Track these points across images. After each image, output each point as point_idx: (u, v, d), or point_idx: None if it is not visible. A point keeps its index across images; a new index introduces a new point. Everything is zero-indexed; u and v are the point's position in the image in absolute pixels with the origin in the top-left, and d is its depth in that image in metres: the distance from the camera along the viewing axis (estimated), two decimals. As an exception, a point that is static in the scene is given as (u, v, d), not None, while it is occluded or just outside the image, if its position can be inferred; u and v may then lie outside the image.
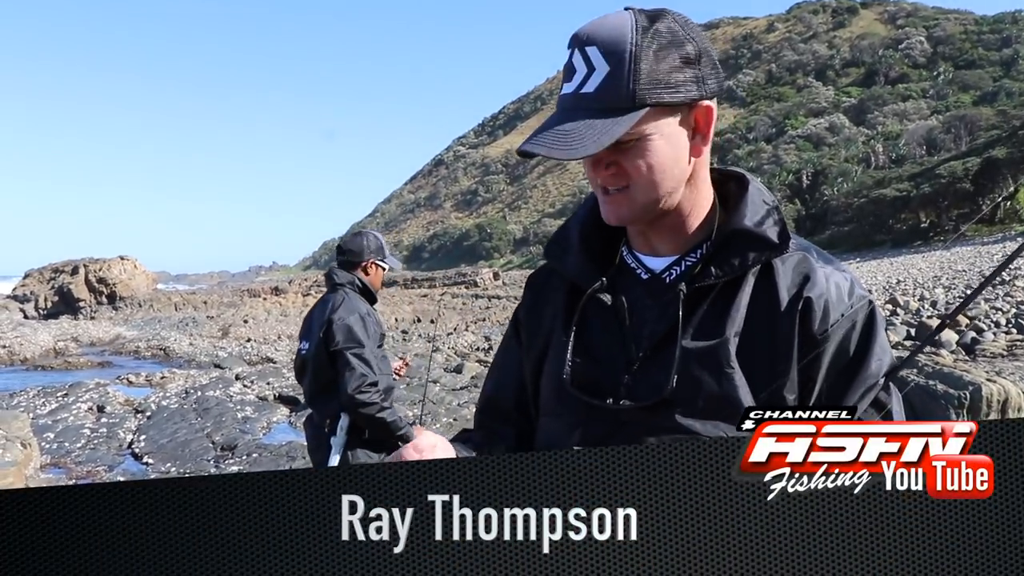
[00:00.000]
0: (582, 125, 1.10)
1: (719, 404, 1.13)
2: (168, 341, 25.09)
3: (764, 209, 1.20)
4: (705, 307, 1.17)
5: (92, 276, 41.04)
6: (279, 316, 33.88)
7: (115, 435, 9.78)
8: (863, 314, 1.16)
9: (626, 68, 1.08)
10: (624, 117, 1.08)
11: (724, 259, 1.17)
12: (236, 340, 25.98)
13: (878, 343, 1.16)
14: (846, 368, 1.15)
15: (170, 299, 41.30)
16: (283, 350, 21.74)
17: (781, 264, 1.17)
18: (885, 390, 1.15)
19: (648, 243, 1.26)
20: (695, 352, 1.15)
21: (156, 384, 14.51)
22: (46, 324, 32.96)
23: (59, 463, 8.59)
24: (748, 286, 1.17)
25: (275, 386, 13.14)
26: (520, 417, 1.37)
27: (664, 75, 1.09)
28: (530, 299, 1.41)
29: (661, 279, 1.23)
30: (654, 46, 1.09)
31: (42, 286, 41.94)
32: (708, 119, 1.15)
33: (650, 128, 1.11)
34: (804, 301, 1.14)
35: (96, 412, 11.28)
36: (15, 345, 23.25)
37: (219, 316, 34.35)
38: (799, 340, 1.13)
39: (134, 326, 32.37)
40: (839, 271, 1.19)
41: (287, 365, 16.35)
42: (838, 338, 1.14)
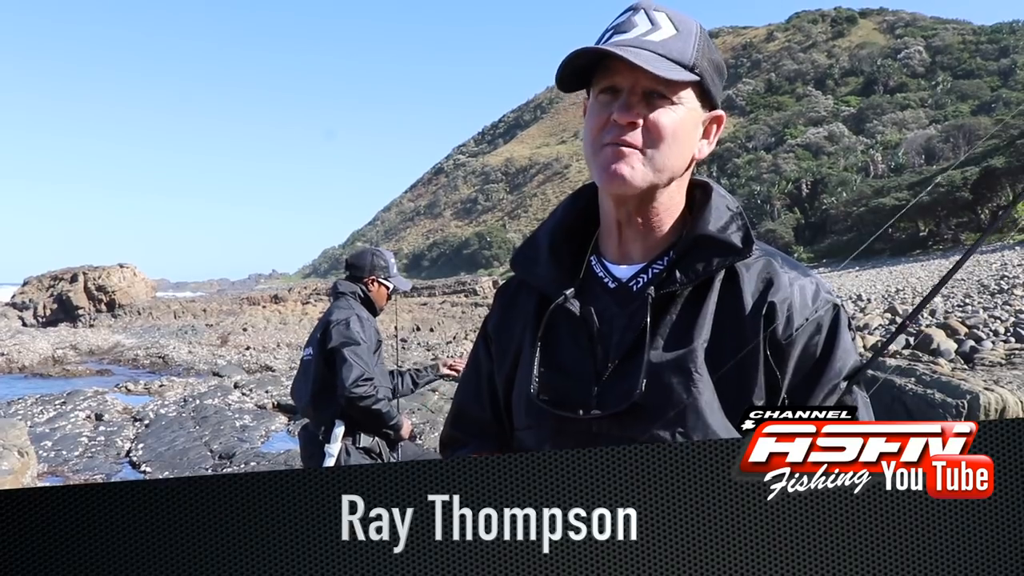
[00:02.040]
0: (649, 55, 1.11)
1: (688, 412, 1.13)
2: (167, 349, 25.06)
3: (728, 215, 1.22)
4: (672, 314, 1.18)
5: (91, 284, 40.97)
6: (278, 324, 33.86)
7: (113, 443, 9.76)
8: (828, 317, 1.17)
9: (692, 37, 1.15)
10: (683, 72, 1.13)
11: (688, 265, 1.18)
12: (235, 348, 25.96)
13: (842, 346, 1.16)
14: (810, 371, 1.15)
15: (169, 307, 41.24)
16: (282, 358, 21.72)
17: (746, 270, 1.18)
18: (849, 393, 1.15)
19: (617, 249, 1.26)
20: (663, 361, 1.15)
21: (155, 392, 14.48)
22: (45, 332, 32.93)
23: (57, 471, 8.57)
24: (714, 293, 1.18)
25: (274, 394, 13.11)
26: (498, 429, 1.36)
27: (713, 68, 1.17)
28: (499, 311, 1.40)
29: (628, 287, 1.24)
30: (707, 39, 1.18)
31: (41, 294, 41.89)
32: (719, 129, 1.22)
33: (687, 102, 1.16)
34: (768, 306, 1.15)
35: (94, 420, 11.27)
36: (13, 353, 23.21)
37: (218, 324, 34.32)
38: (764, 345, 1.14)
39: (133, 334, 32.34)
40: (804, 275, 1.19)
41: (286, 373, 16.33)
42: (803, 342, 1.15)
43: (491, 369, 1.38)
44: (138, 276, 43.24)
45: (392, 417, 3.87)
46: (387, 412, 3.83)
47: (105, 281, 41.15)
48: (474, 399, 1.42)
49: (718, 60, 1.18)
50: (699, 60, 1.14)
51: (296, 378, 4.23)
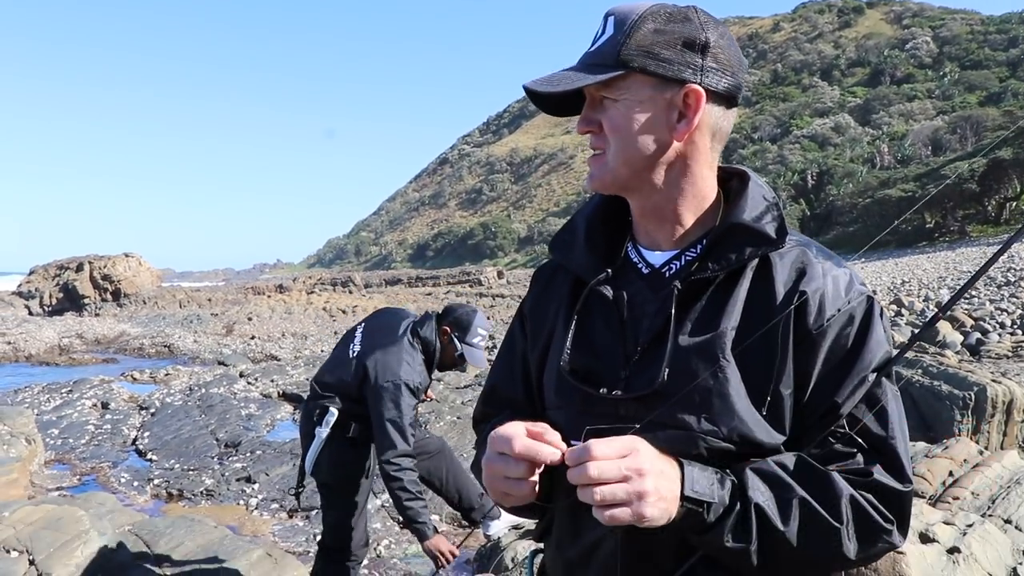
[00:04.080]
0: (570, 72, 1.18)
1: (713, 398, 1.13)
2: (172, 338, 25.08)
3: (764, 205, 1.22)
4: (702, 301, 1.19)
5: (97, 273, 41.00)
6: (283, 314, 33.88)
7: (119, 431, 9.78)
8: (861, 309, 1.16)
9: (625, 29, 1.15)
10: (602, 71, 1.15)
11: (721, 253, 1.18)
12: (240, 337, 25.98)
13: (874, 338, 1.15)
14: (840, 363, 1.14)
15: (175, 296, 41.26)
16: (287, 347, 21.75)
17: (779, 259, 1.18)
18: (878, 386, 1.14)
19: (648, 236, 1.28)
20: (690, 346, 1.16)
21: (160, 381, 14.50)
22: (51, 321, 32.98)
23: (63, 459, 8.60)
24: (746, 280, 1.18)
25: (279, 383, 13.13)
26: (530, 408, 1.38)
27: (656, 47, 1.15)
28: (536, 292, 1.43)
29: (661, 273, 1.25)
30: (658, 22, 1.15)
31: (47, 283, 41.92)
32: (696, 105, 1.16)
33: (630, 93, 1.16)
34: (800, 295, 1.15)
35: (100, 408, 11.29)
36: (20, 341, 23.26)
37: (223, 313, 34.34)
38: (795, 335, 1.14)
39: (138, 323, 32.38)
40: (838, 266, 1.19)
41: (291, 362, 16.35)
42: (834, 333, 1.14)
43: (525, 348, 1.42)
44: (143, 265, 43.27)
45: (418, 517, 3.68)
46: (413, 510, 3.66)
47: (111, 270, 41.20)
48: (507, 377, 1.45)
49: (672, 35, 1.14)
50: (632, 48, 1.14)
51: (335, 356, 4.01)
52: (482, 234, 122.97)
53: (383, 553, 5.56)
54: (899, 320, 13.70)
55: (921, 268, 29.63)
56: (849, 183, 60.62)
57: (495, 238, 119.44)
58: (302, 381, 13.08)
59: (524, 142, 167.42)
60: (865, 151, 73.86)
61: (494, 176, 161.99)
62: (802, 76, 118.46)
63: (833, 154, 75.19)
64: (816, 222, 58.79)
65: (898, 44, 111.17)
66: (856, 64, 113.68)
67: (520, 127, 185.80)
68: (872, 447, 1.12)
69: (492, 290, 41.18)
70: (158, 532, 4.74)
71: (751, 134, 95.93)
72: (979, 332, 11.26)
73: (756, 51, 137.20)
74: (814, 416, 1.15)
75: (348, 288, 43.98)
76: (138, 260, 43.06)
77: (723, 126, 1.22)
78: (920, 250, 42.28)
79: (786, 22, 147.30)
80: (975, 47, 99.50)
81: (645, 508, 1.00)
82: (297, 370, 14.63)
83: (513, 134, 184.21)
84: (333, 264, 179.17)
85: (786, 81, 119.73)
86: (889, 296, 19.02)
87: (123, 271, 41.46)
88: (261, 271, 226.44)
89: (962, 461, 4.38)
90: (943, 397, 6.17)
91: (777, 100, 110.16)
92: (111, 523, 4.87)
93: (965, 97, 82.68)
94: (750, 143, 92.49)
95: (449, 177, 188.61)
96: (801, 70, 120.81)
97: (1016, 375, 7.36)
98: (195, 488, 7.26)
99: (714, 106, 1.19)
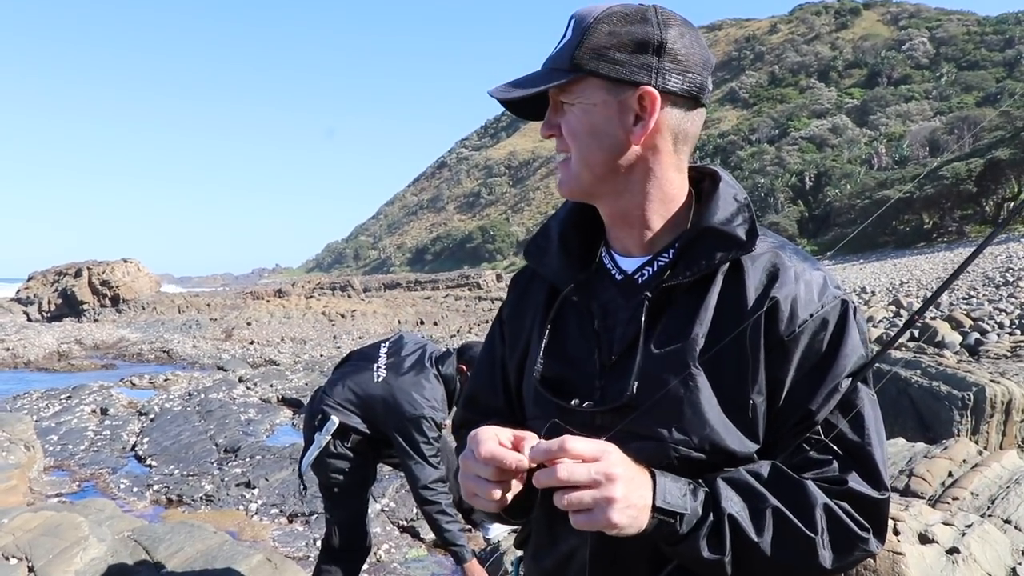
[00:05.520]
0: (528, 77, 1.19)
1: (684, 407, 1.12)
2: (171, 343, 25.06)
3: (734, 206, 1.19)
4: (673, 308, 1.17)
5: (95, 279, 40.93)
6: (282, 319, 33.85)
7: (119, 437, 9.77)
8: (835, 314, 1.14)
9: (579, 34, 1.14)
10: (557, 76, 1.15)
11: (691, 259, 1.16)
12: (239, 342, 25.96)
13: (849, 343, 1.13)
14: (813, 369, 1.12)
15: (173, 301, 41.19)
16: (286, 352, 21.73)
17: (751, 263, 1.16)
18: (853, 392, 1.12)
19: (620, 242, 1.26)
20: (660, 356, 1.15)
21: (159, 386, 14.49)
22: (49, 327, 32.97)
23: (63, 465, 8.59)
24: (717, 286, 1.16)
25: (278, 388, 13.12)
26: (511, 416, 1.36)
27: (609, 50, 1.13)
28: (513, 299, 1.41)
29: (633, 280, 1.23)
30: (611, 24, 1.14)
31: (45, 289, 41.87)
32: (651, 107, 1.14)
33: (585, 96, 1.15)
34: (770, 301, 1.12)
35: (99, 414, 11.27)
36: (19, 348, 23.24)
37: (222, 318, 34.31)
38: (765, 341, 1.12)
39: (137, 328, 32.35)
40: (813, 270, 1.16)
41: (290, 367, 16.34)
42: (806, 339, 1.12)
43: (504, 355, 1.41)
44: (142, 271, 43.22)
45: (456, 540, 3.79)
46: (449, 532, 3.78)
47: (109, 276, 41.14)
48: (488, 386, 1.43)
49: (625, 36, 1.13)
50: (584, 52, 1.13)
51: (355, 371, 4.00)
52: (481, 237, 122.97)
53: (383, 557, 5.56)
54: (897, 321, 13.70)
55: (920, 269, 29.62)
56: (847, 184, 60.65)
57: (494, 241, 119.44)
58: (301, 386, 13.07)
59: (522, 145, 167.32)
60: (863, 152, 73.87)
61: (492, 179, 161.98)
62: (799, 78, 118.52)
63: (831, 155, 75.18)
64: (814, 223, 58.81)
65: (895, 45, 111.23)
66: (853, 65, 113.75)
67: (518, 130, 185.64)
68: (848, 454, 1.10)
69: (491, 293, 41.09)
70: (158, 538, 4.73)
71: (748, 136, 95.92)
72: (978, 332, 11.25)
73: (753, 53, 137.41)
74: (788, 423, 1.12)
75: (347, 292, 43.88)
76: (136, 265, 43.01)
77: (686, 127, 1.19)
78: (918, 251, 42.27)
79: (783, 24, 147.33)
80: (972, 48, 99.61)
81: (613, 514, 0.99)
82: (296, 375, 14.62)
83: (511, 137, 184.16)
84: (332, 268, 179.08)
85: (783, 83, 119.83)
86: (888, 297, 19.02)
87: (122, 276, 41.41)
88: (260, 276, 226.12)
89: (961, 461, 4.38)
90: (942, 397, 6.18)
91: (774, 102, 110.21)
92: (110, 529, 4.86)
93: (962, 98, 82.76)
94: (748, 145, 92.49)
95: (447, 181, 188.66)
96: (798, 72, 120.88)
97: (1015, 375, 7.35)
98: (195, 494, 7.25)
99: (674, 108, 1.16)
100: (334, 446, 3.83)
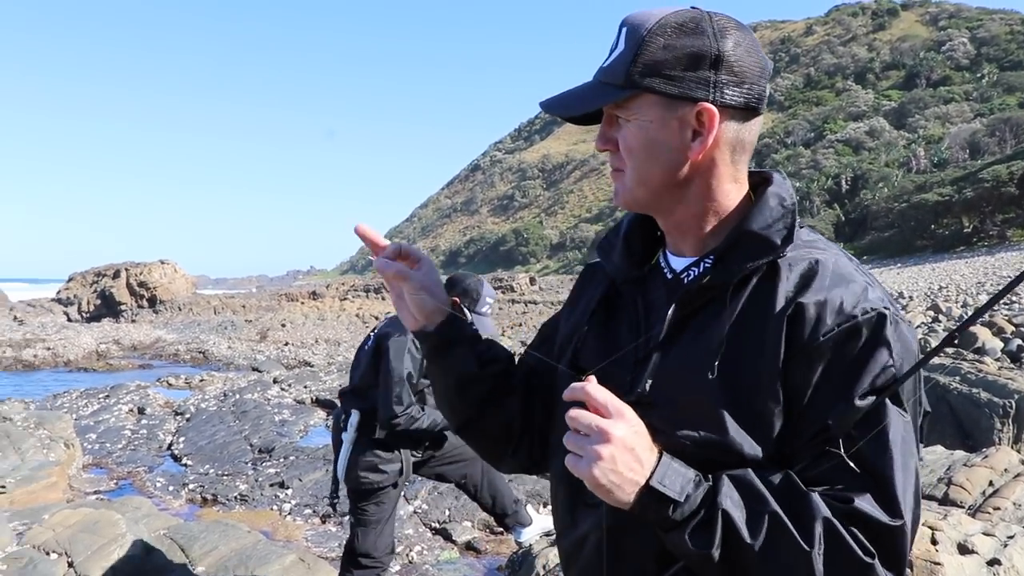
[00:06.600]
0: (582, 91, 1.19)
1: (697, 408, 1.11)
2: (207, 344, 25.36)
3: (779, 212, 1.18)
4: (706, 309, 1.17)
5: (133, 280, 41.57)
6: (316, 320, 34.13)
7: (155, 436, 9.90)
8: (869, 326, 1.08)
9: (634, 47, 1.13)
10: (613, 93, 1.15)
11: (727, 262, 1.16)
12: (274, 344, 26.21)
13: (879, 358, 1.06)
14: (837, 381, 1.07)
15: (209, 303, 41.71)
16: (320, 354, 21.90)
17: (788, 267, 1.14)
18: (880, 409, 1.05)
19: (675, 245, 1.27)
20: (679, 355, 1.16)
21: (195, 387, 14.67)
22: (89, 327, 33.51)
23: (101, 463, 8.71)
24: (748, 290, 1.14)
25: (312, 389, 13.22)
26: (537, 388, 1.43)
27: (665, 66, 1.12)
28: (577, 286, 1.48)
29: (680, 279, 1.24)
30: (666, 36, 1.12)
31: (85, 290, 42.57)
32: (710, 124, 1.12)
33: (642, 113, 1.14)
34: (796, 307, 1.09)
35: (137, 414, 11.43)
36: (59, 347, 23.64)
37: (257, 320, 34.67)
38: (788, 347, 1.08)
39: (174, 329, 32.79)
40: (854, 278, 1.13)
41: (324, 368, 16.47)
42: (832, 349, 1.07)
43: (556, 335, 1.47)
44: (178, 272, 43.80)
45: (437, 425, 3.84)
46: (428, 426, 3.82)
47: (146, 277, 41.76)
48: (534, 354, 1.48)
49: (682, 50, 1.11)
50: (640, 68, 1.11)
51: (353, 361, 4.18)
52: (514, 240, 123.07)
53: (415, 559, 5.57)
54: (936, 326, 13.48)
55: (959, 273, 29.16)
56: (884, 187, 59.92)
57: (527, 244, 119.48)
58: (335, 387, 13.15)
59: (556, 148, 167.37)
60: (900, 155, 72.94)
61: (526, 182, 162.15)
62: (835, 80, 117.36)
63: (868, 158, 74.34)
64: (851, 227, 58.16)
65: (934, 46, 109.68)
66: (891, 67, 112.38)
67: (552, 133, 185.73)
68: (865, 473, 1.04)
69: (524, 296, 41.11)
70: (192, 536, 4.78)
71: (784, 139, 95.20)
72: (1019, 339, 11.03)
73: (788, 55, 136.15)
74: (805, 435, 1.08)
75: (381, 295, 44.10)
76: (173, 267, 43.60)
77: (745, 138, 1.17)
78: (958, 255, 41.62)
79: (819, 25, 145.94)
80: (1015, 48, 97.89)
81: (595, 470, 1.00)
82: (330, 376, 14.72)
83: (545, 140, 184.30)
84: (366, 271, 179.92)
85: (819, 85, 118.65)
86: (926, 302, 18.75)
87: (159, 278, 42.00)
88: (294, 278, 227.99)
89: (1002, 470, 4.30)
90: (982, 405, 6.07)
91: (810, 104, 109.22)
92: (146, 527, 4.93)
93: (1004, 99, 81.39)
94: (783, 148, 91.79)
95: (481, 183, 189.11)
96: (834, 74, 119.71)
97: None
98: (229, 493, 7.32)
99: (732, 121, 1.14)
100: (362, 441, 3.84)
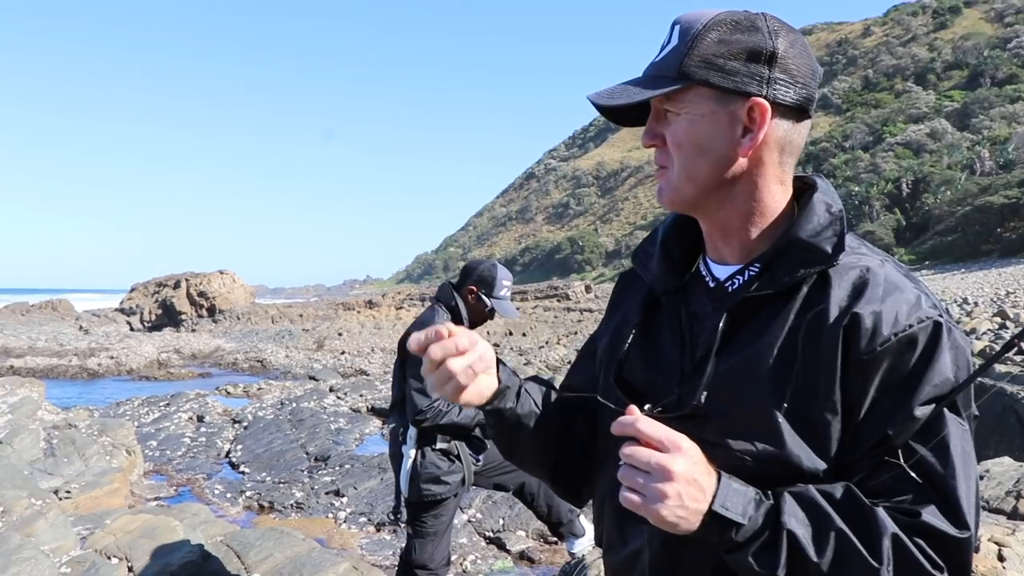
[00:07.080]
0: (631, 86, 1.17)
1: (753, 420, 1.08)
2: (265, 353, 25.73)
3: (827, 219, 1.15)
4: (754, 319, 1.14)
5: (193, 290, 42.45)
6: (372, 329, 34.44)
7: (213, 444, 10.06)
8: (925, 334, 1.05)
9: (688, 40, 1.12)
10: (664, 84, 1.13)
11: (776, 271, 1.13)
12: (330, 353, 26.51)
13: (937, 367, 1.04)
14: (895, 391, 1.04)
15: (267, 312, 42.37)
16: (376, 363, 22.08)
17: (839, 277, 1.11)
18: (939, 419, 1.03)
19: (717, 251, 1.25)
20: (731, 366, 1.13)
21: (253, 395, 14.90)
22: (150, 336, 34.23)
23: (161, 470, 8.88)
24: (799, 300, 1.11)
25: (368, 398, 13.33)
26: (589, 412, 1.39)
27: (719, 59, 1.11)
28: (614, 298, 1.46)
29: (724, 288, 1.22)
30: (721, 31, 1.11)
31: (147, 299, 43.58)
32: (761, 119, 1.11)
33: (692, 106, 1.13)
34: (851, 317, 1.06)
35: (196, 421, 11.64)
36: (122, 356, 24.20)
37: (314, 329, 35.10)
38: (844, 359, 1.06)
39: (232, 338, 33.34)
40: (906, 287, 1.09)
41: (380, 377, 16.59)
42: (889, 359, 1.04)
43: (598, 348, 1.44)
44: (237, 282, 44.59)
45: (469, 420, 3.77)
46: (458, 420, 3.74)
47: (206, 287, 42.60)
48: (580, 376, 1.47)
49: (737, 45, 1.10)
50: (694, 61, 1.11)
51: None
52: (569, 248, 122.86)
53: (469, 568, 5.56)
54: (1003, 333, 13.10)
55: (1027, 278, 28.32)
56: (947, 190, 58.47)
57: (582, 252, 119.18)
58: (390, 396, 13.23)
59: (610, 155, 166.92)
60: (964, 157, 71.07)
61: (581, 190, 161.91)
62: (895, 81, 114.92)
63: (929, 161, 72.58)
64: (912, 231, 56.90)
65: (999, 44, 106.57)
66: (953, 67, 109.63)
67: (606, 140, 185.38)
68: (928, 485, 1.02)
69: (580, 304, 41.01)
70: (248, 543, 4.83)
71: (842, 143, 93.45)
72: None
73: (846, 57, 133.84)
74: (864, 446, 1.05)
75: (435, 303, 44.34)
76: (232, 277, 44.40)
77: (793, 139, 1.16)
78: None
79: (877, 26, 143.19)
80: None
81: (662, 510, 0.99)
82: (386, 385, 14.81)
83: (599, 147, 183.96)
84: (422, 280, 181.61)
85: (878, 87, 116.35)
86: (992, 308, 18.22)
87: (218, 288, 42.81)
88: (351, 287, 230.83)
89: (1075, 482, 4.14)
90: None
91: (868, 107, 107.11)
92: (204, 533, 4.99)
93: (1075, 97, 78.89)
94: (841, 152, 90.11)
95: (536, 192, 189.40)
96: (894, 75, 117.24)
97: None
98: (285, 501, 7.40)
99: (782, 119, 1.13)
100: (424, 453, 3.82)
